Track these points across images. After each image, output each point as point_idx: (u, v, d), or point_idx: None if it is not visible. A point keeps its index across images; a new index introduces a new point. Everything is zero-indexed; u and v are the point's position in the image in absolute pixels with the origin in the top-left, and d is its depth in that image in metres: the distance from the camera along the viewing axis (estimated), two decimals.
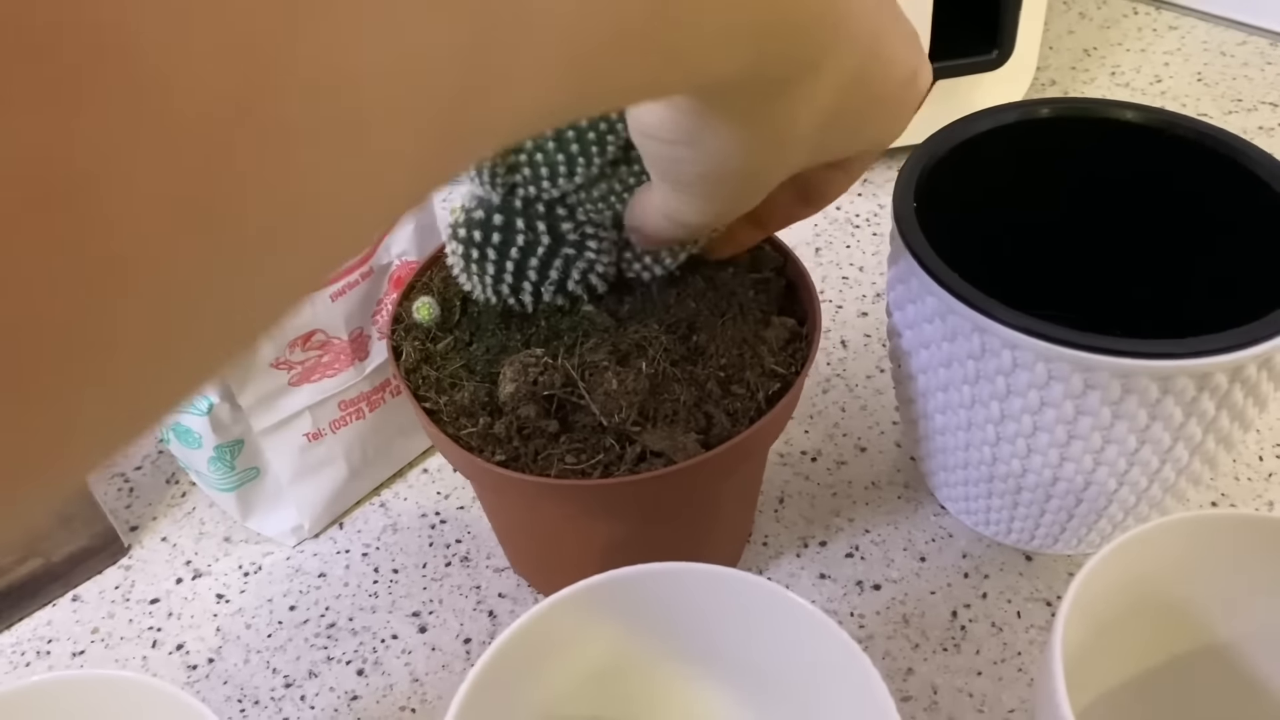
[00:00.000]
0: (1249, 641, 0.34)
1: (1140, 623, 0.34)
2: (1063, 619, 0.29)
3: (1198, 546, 0.32)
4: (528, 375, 0.35)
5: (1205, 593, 0.33)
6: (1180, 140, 0.40)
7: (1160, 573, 0.32)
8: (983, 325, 0.35)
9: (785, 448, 0.49)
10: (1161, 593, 0.33)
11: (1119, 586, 0.32)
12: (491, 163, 0.34)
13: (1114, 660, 0.35)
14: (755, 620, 0.32)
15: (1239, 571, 0.32)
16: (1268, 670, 0.34)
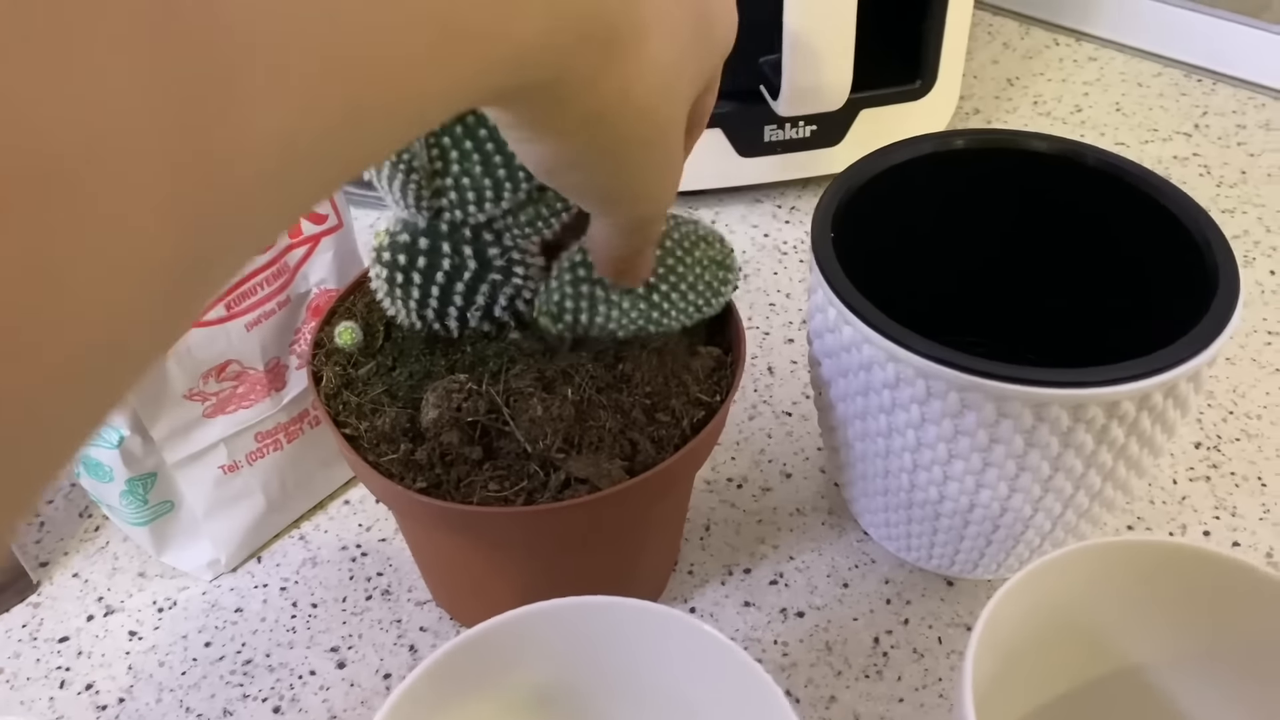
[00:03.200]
0: (1162, 667, 0.34)
1: (1054, 648, 0.34)
2: (973, 649, 0.29)
3: (1107, 572, 0.32)
4: (451, 401, 0.35)
5: (1117, 618, 0.34)
6: (1088, 170, 0.41)
7: (1071, 599, 0.33)
8: (896, 354, 0.36)
9: (712, 475, 0.49)
10: (1073, 618, 0.33)
11: (1030, 613, 0.32)
12: (416, 185, 0.34)
13: (1030, 686, 0.35)
14: (675, 653, 0.32)
15: (1149, 597, 0.33)
16: (1180, 695, 0.35)
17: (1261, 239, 0.60)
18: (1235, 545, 0.45)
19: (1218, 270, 0.37)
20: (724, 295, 0.39)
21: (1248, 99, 0.70)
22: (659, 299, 0.38)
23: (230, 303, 0.40)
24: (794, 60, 0.54)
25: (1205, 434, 0.50)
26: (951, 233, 0.44)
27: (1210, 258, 0.38)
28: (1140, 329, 0.38)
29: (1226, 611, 0.32)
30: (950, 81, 0.61)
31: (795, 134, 0.61)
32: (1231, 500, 0.47)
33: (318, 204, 0.19)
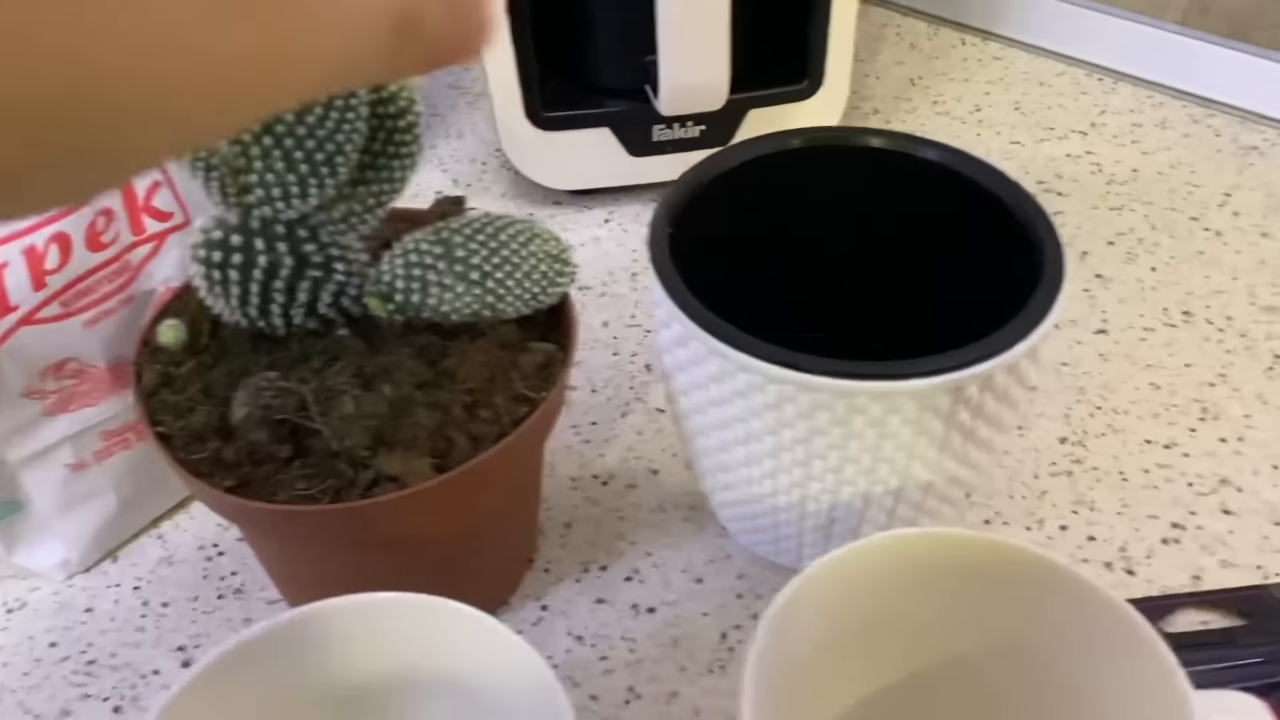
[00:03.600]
0: (977, 657, 0.35)
1: (868, 641, 0.34)
2: (758, 643, 0.29)
3: (907, 563, 0.32)
4: (260, 398, 0.35)
5: (927, 609, 0.34)
6: (924, 164, 0.41)
7: (877, 590, 0.33)
8: (719, 350, 0.36)
9: (579, 472, 0.49)
10: (882, 610, 0.34)
11: (834, 604, 0.32)
12: (220, 182, 0.34)
13: (846, 679, 0.35)
14: (468, 648, 0.32)
15: (956, 588, 0.33)
16: (997, 686, 0.35)
17: (1146, 236, 0.60)
18: (1090, 539, 0.46)
19: (1044, 265, 0.37)
20: (560, 287, 0.39)
21: (1146, 98, 0.71)
22: (494, 285, 0.38)
23: (66, 300, 0.40)
24: (669, 59, 0.54)
25: (1071, 429, 0.50)
26: (796, 232, 0.44)
27: (1039, 252, 0.38)
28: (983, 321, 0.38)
29: (1025, 600, 0.32)
30: (839, 81, 0.61)
31: (684, 133, 0.61)
32: (1091, 495, 0.47)
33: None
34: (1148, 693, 0.30)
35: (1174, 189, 0.63)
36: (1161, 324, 0.55)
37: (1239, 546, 0.45)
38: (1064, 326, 0.55)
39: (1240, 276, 0.58)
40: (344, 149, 0.33)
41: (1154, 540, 0.45)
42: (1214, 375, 0.52)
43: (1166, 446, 0.49)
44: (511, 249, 0.39)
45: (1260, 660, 0.41)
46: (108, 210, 0.41)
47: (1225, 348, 0.54)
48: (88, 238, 0.40)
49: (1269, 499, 0.47)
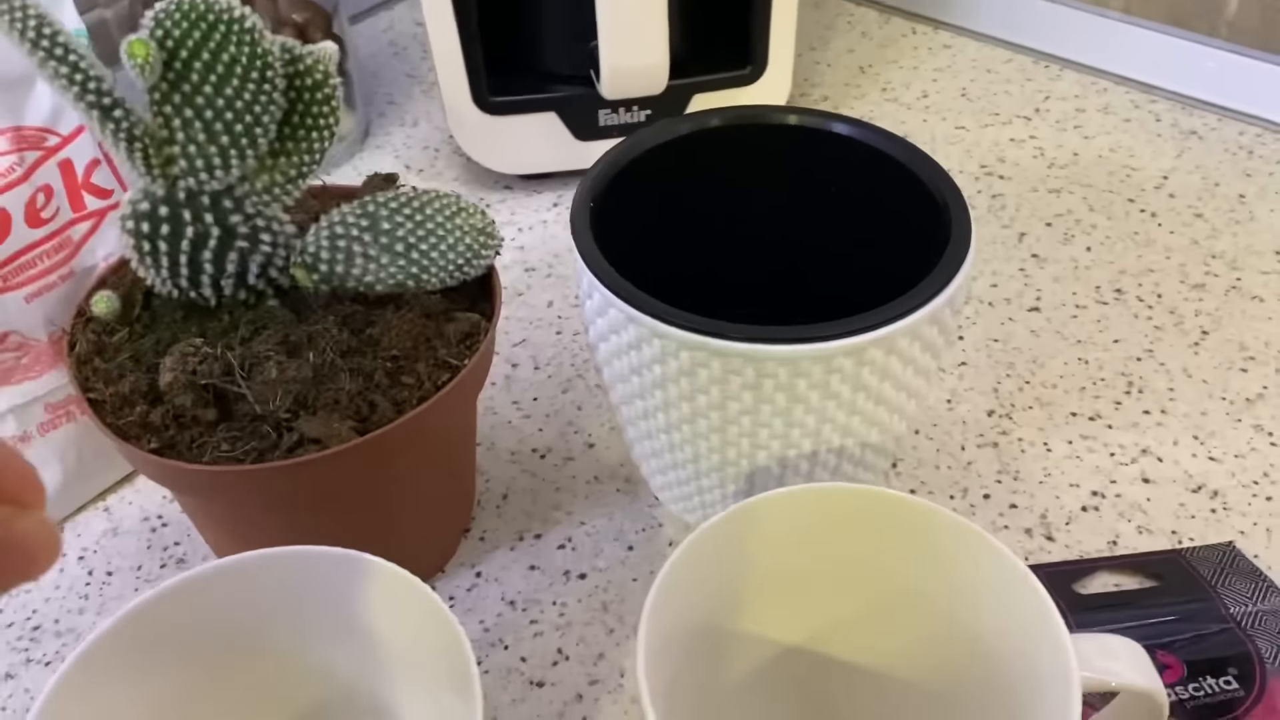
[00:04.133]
0: (869, 611, 0.36)
1: (760, 603, 0.35)
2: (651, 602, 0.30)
3: (800, 520, 0.34)
4: (186, 365, 0.36)
5: (819, 566, 0.35)
6: (838, 139, 0.42)
7: (766, 548, 0.34)
8: (635, 317, 0.37)
9: (517, 446, 0.50)
10: (773, 568, 0.35)
11: (725, 567, 0.33)
12: (143, 152, 0.35)
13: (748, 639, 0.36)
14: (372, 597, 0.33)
15: (849, 542, 0.34)
16: (891, 634, 0.36)
17: (1084, 218, 0.62)
18: (1012, 507, 0.47)
19: (950, 232, 0.39)
20: (484, 259, 0.41)
21: (1090, 84, 0.72)
22: (418, 256, 0.39)
23: (7, 275, 0.41)
24: (609, 42, 0.55)
25: (1000, 402, 0.51)
26: (720, 209, 0.46)
27: (947, 220, 0.39)
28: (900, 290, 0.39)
29: (916, 550, 0.34)
30: (781, 67, 0.63)
31: (630, 118, 0.62)
32: (1015, 465, 0.49)
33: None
34: (1034, 638, 0.31)
35: (1113, 172, 0.65)
36: (1094, 301, 0.56)
37: (1155, 514, 0.46)
38: (997, 304, 0.56)
39: (1173, 255, 0.59)
40: (262, 120, 0.34)
41: (1074, 508, 0.47)
42: (1141, 350, 0.54)
43: (1091, 419, 0.50)
44: (437, 222, 0.40)
45: (1170, 619, 0.42)
46: (47, 187, 0.42)
47: (1154, 324, 0.55)
48: (27, 214, 0.41)
49: (1188, 468, 0.48)
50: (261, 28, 0.33)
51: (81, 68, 0.32)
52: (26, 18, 0.31)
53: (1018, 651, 0.32)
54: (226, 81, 0.33)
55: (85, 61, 0.33)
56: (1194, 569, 0.44)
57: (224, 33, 0.33)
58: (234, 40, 0.33)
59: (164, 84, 0.34)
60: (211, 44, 0.33)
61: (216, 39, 0.33)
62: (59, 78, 0.32)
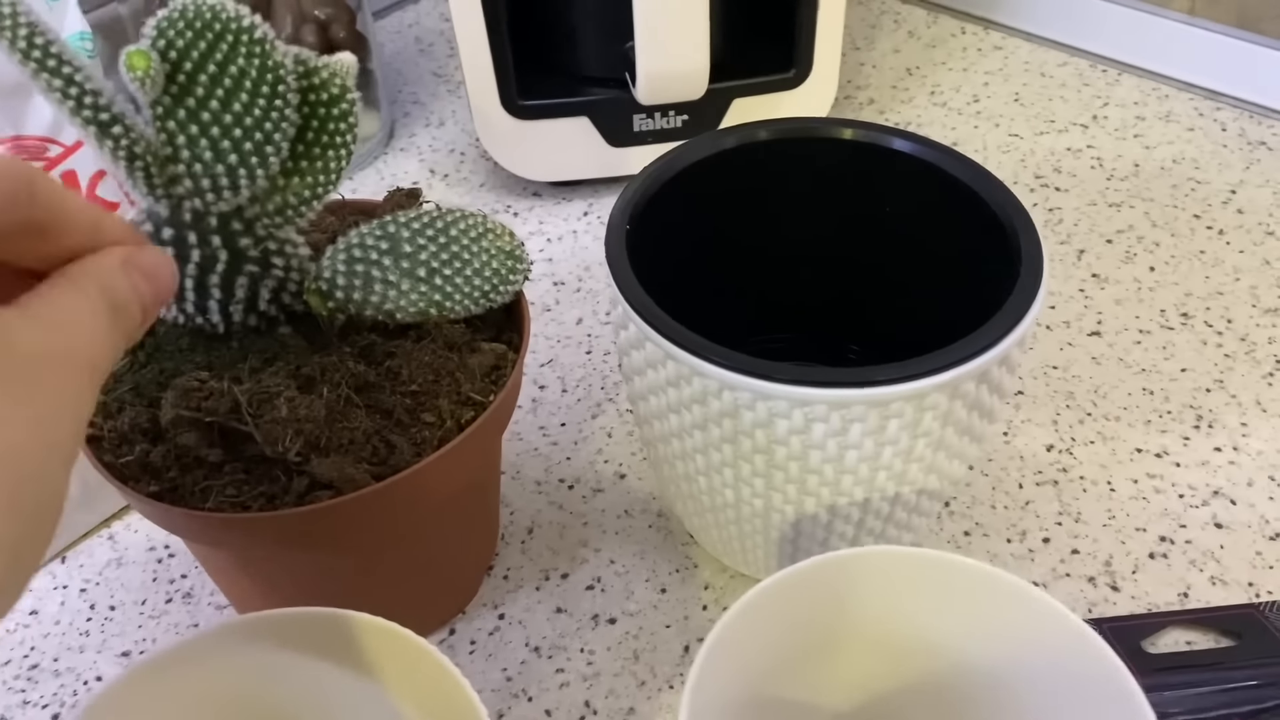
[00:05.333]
0: (932, 677, 0.33)
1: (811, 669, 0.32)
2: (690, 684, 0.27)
3: (859, 582, 0.31)
4: (189, 400, 0.33)
5: (876, 630, 0.32)
6: (895, 155, 0.39)
7: (822, 612, 0.31)
8: (674, 354, 0.34)
9: (544, 476, 0.48)
10: (828, 633, 0.32)
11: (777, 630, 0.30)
12: (145, 172, 0.32)
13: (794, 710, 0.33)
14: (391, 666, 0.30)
15: (911, 607, 0.31)
16: (953, 706, 0.33)
17: (1146, 234, 0.58)
18: (1074, 553, 0.44)
19: (1020, 267, 0.35)
20: (514, 284, 0.38)
21: (1151, 90, 0.68)
22: (442, 282, 0.36)
23: None
24: (646, 46, 0.52)
25: (1059, 436, 0.48)
26: (764, 227, 0.42)
27: (1017, 253, 0.36)
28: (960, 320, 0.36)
29: (985, 619, 0.31)
30: (827, 70, 0.59)
31: (666, 124, 0.59)
32: (1077, 505, 0.45)
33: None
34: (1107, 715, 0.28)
35: (1177, 185, 0.61)
36: (1158, 326, 0.53)
37: (1230, 563, 0.43)
38: (1055, 328, 0.53)
39: (1243, 277, 0.55)
40: (273, 137, 0.31)
41: (1141, 554, 0.43)
42: (1211, 381, 0.50)
43: (1158, 455, 0.47)
44: (462, 244, 0.37)
45: (1250, 684, 0.39)
46: None
47: (1224, 351, 0.51)
48: None
49: (1264, 512, 0.45)
50: (273, 38, 0.30)
51: (77, 80, 0.30)
52: (16, 25, 0.29)
53: None
54: (234, 96, 0.31)
55: (81, 74, 0.30)
56: (1274, 626, 0.40)
57: (231, 43, 0.30)
58: (242, 51, 0.30)
59: (167, 98, 0.31)
60: (218, 55, 0.30)
61: (224, 50, 0.30)
62: (53, 90, 0.30)
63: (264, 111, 0.31)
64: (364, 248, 0.36)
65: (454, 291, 0.36)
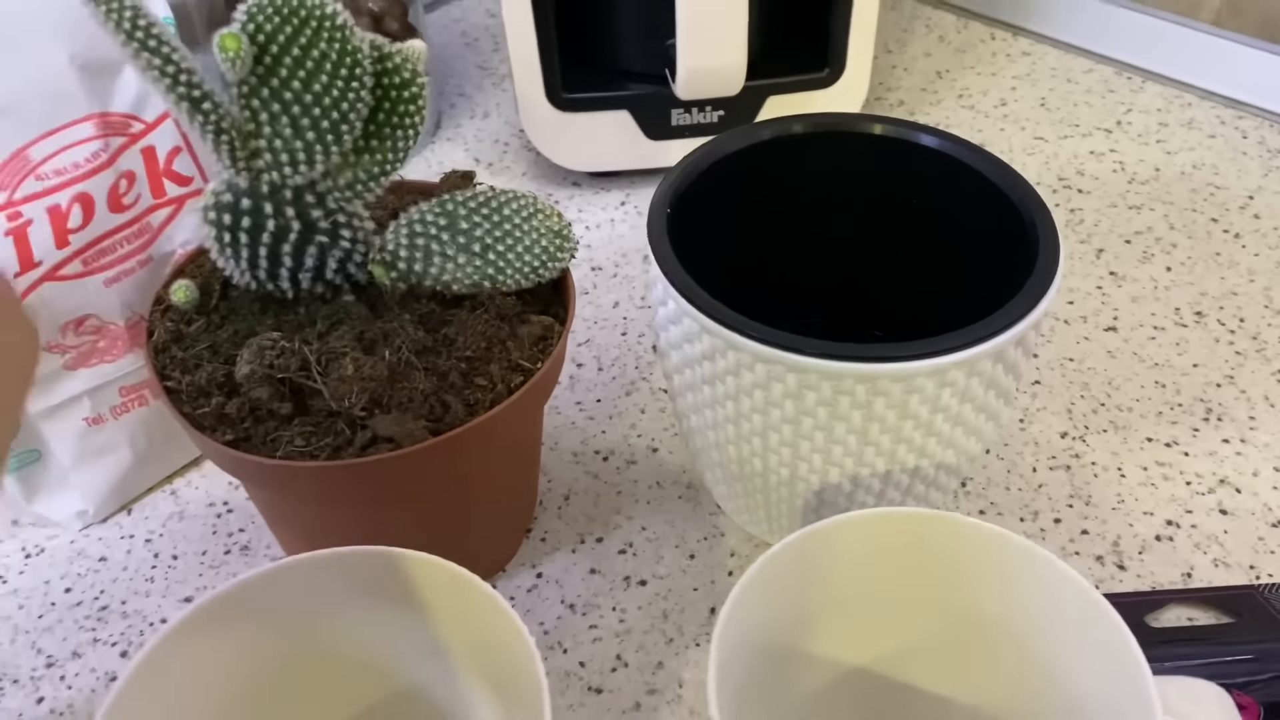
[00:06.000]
0: (943, 634, 0.35)
1: (828, 624, 0.35)
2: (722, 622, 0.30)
3: (872, 543, 0.33)
4: (263, 358, 0.36)
5: (889, 589, 0.34)
6: (924, 150, 0.41)
7: (843, 568, 0.33)
8: (710, 328, 0.36)
9: (580, 447, 0.50)
10: (847, 589, 0.34)
11: (796, 585, 0.33)
12: (229, 145, 0.35)
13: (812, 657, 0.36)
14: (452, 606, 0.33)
15: (919, 567, 0.34)
16: (963, 662, 0.35)
17: (1164, 236, 0.60)
18: (1084, 533, 0.46)
19: (1038, 255, 0.38)
20: (560, 261, 0.40)
21: (1174, 97, 0.70)
22: (495, 257, 0.39)
23: (87, 259, 0.42)
24: (687, 42, 0.55)
25: (1073, 424, 0.50)
26: (797, 216, 0.45)
27: (1035, 242, 0.38)
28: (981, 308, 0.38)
29: (995, 579, 0.33)
30: (859, 70, 0.62)
31: (702, 118, 0.61)
32: (1088, 489, 0.47)
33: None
34: (1112, 673, 0.30)
35: (1196, 189, 0.63)
36: (1173, 323, 0.55)
37: (1233, 546, 0.45)
38: (1073, 322, 0.55)
39: (1256, 279, 0.57)
40: (348, 117, 0.34)
41: (1148, 536, 0.46)
42: (1221, 376, 0.52)
43: (1168, 445, 0.49)
44: (514, 223, 0.39)
45: (1246, 659, 0.41)
46: (129, 173, 0.43)
47: (1236, 349, 0.54)
48: (110, 199, 0.42)
49: (1267, 501, 0.47)
50: (352, 24, 0.33)
51: (174, 60, 0.32)
52: (123, 8, 0.31)
53: (1093, 685, 0.31)
54: (315, 77, 0.33)
55: (178, 54, 0.33)
56: (1273, 606, 0.42)
57: (315, 29, 0.33)
58: (324, 36, 0.33)
59: (253, 78, 0.34)
60: (302, 39, 0.33)
61: (307, 35, 0.33)
62: (151, 69, 0.32)
63: (341, 92, 0.34)
64: (425, 223, 0.39)
65: (506, 266, 0.39)
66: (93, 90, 0.41)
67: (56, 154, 0.41)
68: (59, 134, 0.41)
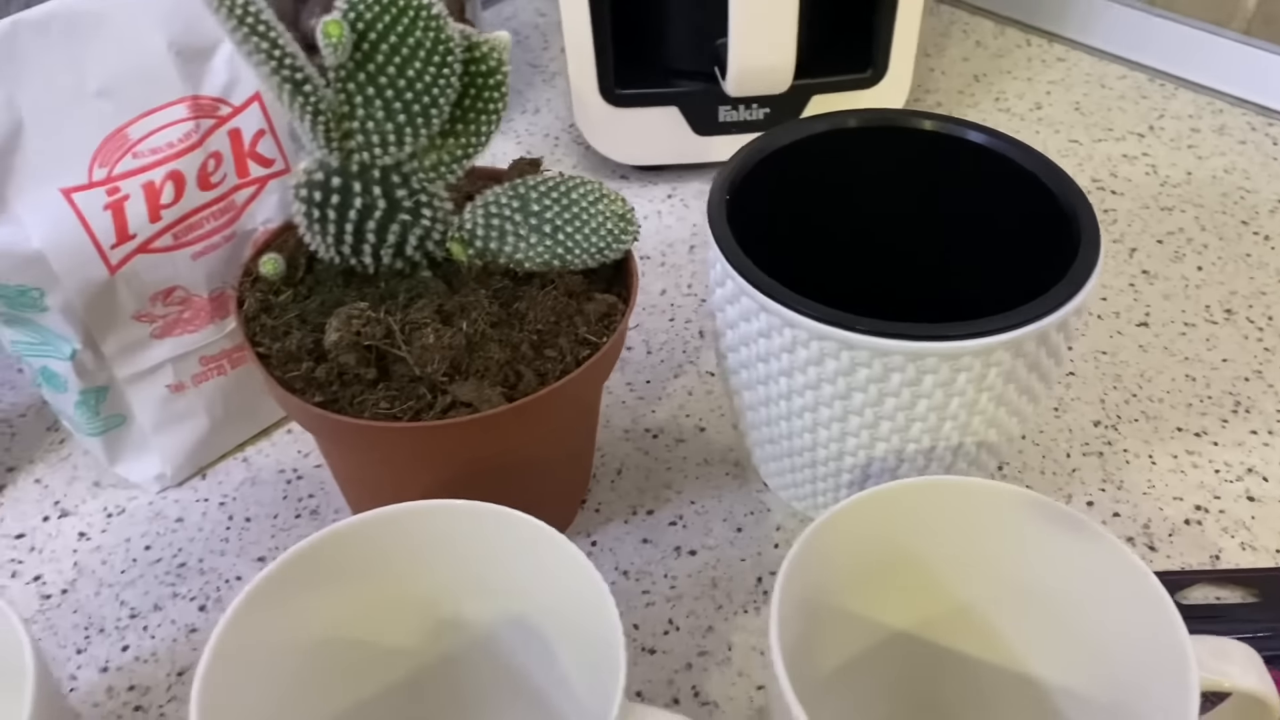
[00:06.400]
0: (985, 604, 0.37)
1: (880, 586, 0.37)
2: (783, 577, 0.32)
3: (926, 509, 0.35)
4: (351, 326, 0.38)
5: (939, 556, 0.36)
6: (972, 146, 0.43)
7: (892, 536, 0.35)
8: (768, 306, 0.39)
9: (631, 425, 0.52)
10: (897, 556, 0.36)
11: (851, 549, 0.35)
12: (325, 126, 0.37)
13: (858, 624, 0.38)
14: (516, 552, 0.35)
15: (968, 535, 0.36)
16: (1002, 633, 0.37)
17: (1195, 237, 0.62)
18: (1115, 515, 0.48)
19: (1080, 244, 0.40)
20: (624, 243, 0.43)
21: (1206, 104, 0.72)
22: (564, 238, 0.41)
23: (177, 233, 0.44)
24: (739, 43, 0.57)
25: (1106, 413, 0.52)
26: (848, 208, 0.47)
27: (1076, 232, 0.40)
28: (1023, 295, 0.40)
29: (1036, 545, 0.35)
30: (901, 71, 0.64)
31: (749, 115, 0.64)
32: (1120, 475, 0.49)
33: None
34: (1147, 633, 0.32)
35: (1226, 193, 0.65)
36: (1203, 320, 0.57)
37: (1260, 531, 0.47)
38: (1106, 318, 0.57)
39: None
40: (439, 102, 0.37)
41: (1177, 520, 0.47)
42: (1250, 371, 0.54)
43: (1197, 435, 0.51)
44: (581, 206, 0.42)
45: (1270, 634, 0.43)
46: (217, 154, 0.45)
47: (1264, 345, 0.55)
48: (199, 177, 0.44)
49: None
50: (446, 15, 0.36)
51: (280, 44, 0.35)
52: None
53: (1131, 649, 0.33)
54: (409, 64, 0.36)
55: (283, 39, 0.35)
56: None
57: (412, 18, 0.35)
58: (420, 25, 0.35)
59: (350, 63, 0.36)
60: (400, 28, 0.35)
61: (405, 23, 0.35)
62: (259, 53, 0.35)
63: (433, 79, 0.36)
64: (499, 205, 0.41)
65: (574, 246, 0.41)
66: (186, 74, 0.44)
67: (152, 134, 0.43)
68: (155, 114, 0.43)
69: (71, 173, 0.42)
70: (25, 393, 0.55)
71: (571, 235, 0.41)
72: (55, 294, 0.42)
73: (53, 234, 0.41)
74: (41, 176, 0.41)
